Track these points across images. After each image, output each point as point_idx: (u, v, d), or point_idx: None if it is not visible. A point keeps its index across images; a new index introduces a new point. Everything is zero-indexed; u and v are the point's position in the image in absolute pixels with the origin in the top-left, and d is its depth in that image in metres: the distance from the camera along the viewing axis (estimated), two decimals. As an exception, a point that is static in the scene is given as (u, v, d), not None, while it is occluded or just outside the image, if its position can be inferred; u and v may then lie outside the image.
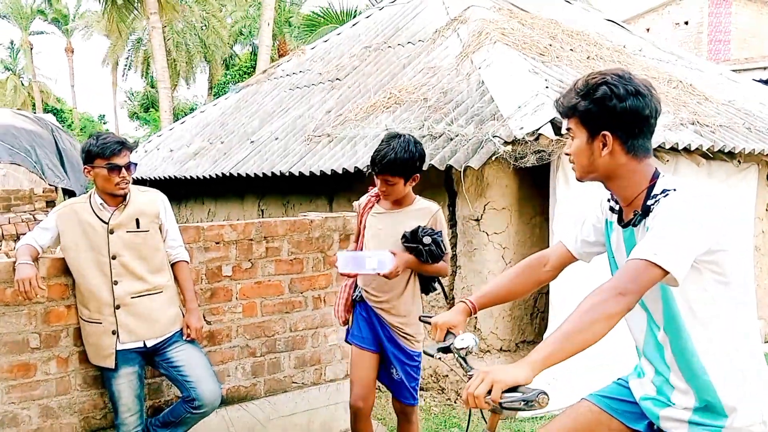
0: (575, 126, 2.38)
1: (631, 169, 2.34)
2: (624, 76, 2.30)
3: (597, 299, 2.13)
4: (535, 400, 2.03)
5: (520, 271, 2.84)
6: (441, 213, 4.05)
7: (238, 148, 9.91)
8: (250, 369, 4.87)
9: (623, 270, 2.19)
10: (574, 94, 2.36)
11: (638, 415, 2.61)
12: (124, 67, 44.37)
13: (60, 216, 4.06)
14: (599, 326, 2.10)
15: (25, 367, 4.05)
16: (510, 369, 2.10)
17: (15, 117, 14.40)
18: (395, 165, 3.80)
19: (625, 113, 2.26)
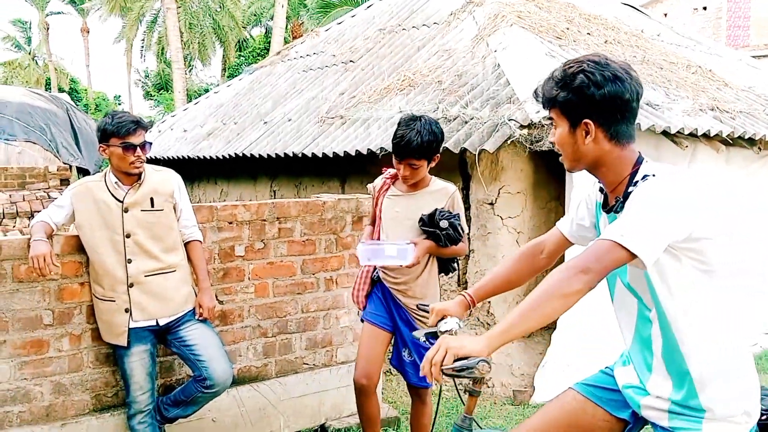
0: (557, 116, 2.34)
1: (615, 156, 2.30)
2: (601, 62, 2.26)
3: (558, 277, 2.13)
4: (475, 367, 2.09)
5: (517, 260, 2.82)
6: (458, 194, 4.03)
7: (251, 129, 9.90)
8: (262, 349, 4.88)
9: (589, 249, 2.17)
10: (553, 85, 2.32)
11: (622, 403, 2.60)
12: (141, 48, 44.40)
13: (75, 194, 4.06)
14: (558, 303, 2.11)
15: (38, 343, 4.07)
16: (466, 340, 2.14)
17: (30, 95, 14.41)
18: (421, 148, 3.77)
19: (605, 100, 2.23)
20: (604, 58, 2.29)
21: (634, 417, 2.58)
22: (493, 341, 2.11)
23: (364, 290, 4.29)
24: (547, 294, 2.11)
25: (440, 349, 2.13)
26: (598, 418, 2.63)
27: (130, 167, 3.99)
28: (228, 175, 10.65)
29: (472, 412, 2.45)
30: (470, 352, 2.10)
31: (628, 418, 2.59)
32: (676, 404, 2.36)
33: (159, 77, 48.35)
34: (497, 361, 6.10)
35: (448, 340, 2.15)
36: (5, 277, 3.92)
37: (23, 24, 50.76)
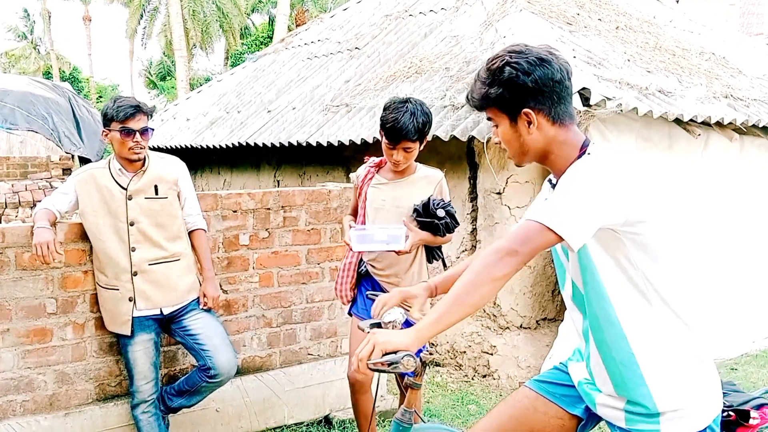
0: (494, 114, 2.32)
1: (561, 140, 2.28)
2: (522, 50, 2.24)
3: (486, 261, 2.10)
4: (400, 362, 2.10)
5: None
6: (445, 180, 3.99)
7: (254, 117, 9.92)
8: (266, 339, 4.91)
9: (516, 230, 2.14)
10: (481, 84, 2.30)
11: (576, 399, 2.59)
12: (143, 36, 44.44)
13: (79, 181, 4.09)
14: (487, 289, 2.09)
15: (42, 332, 4.11)
16: (394, 334, 2.15)
17: (32, 84, 14.47)
18: (417, 130, 3.76)
19: (538, 84, 2.21)
20: (524, 45, 2.27)
21: (588, 413, 2.57)
22: (422, 333, 2.11)
23: (347, 283, 4.22)
24: (476, 280, 2.09)
25: (368, 343, 2.13)
26: (551, 415, 2.62)
27: (130, 153, 4.00)
28: (231, 164, 10.67)
29: (413, 406, 2.47)
30: (397, 346, 2.11)
31: (581, 414, 2.59)
32: (631, 403, 2.34)
33: (161, 66, 48.38)
34: (502, 353, 6.13)
35: (376, 335, 2.14)
36: (8, 264, 3.96)
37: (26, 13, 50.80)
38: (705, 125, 6.55)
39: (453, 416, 5.24)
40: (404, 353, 2.09)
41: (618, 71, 6.57)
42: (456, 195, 6.41)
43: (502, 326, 6.29)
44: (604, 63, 6.66)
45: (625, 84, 6.25)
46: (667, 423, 2.28)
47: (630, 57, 7.24)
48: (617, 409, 2.38)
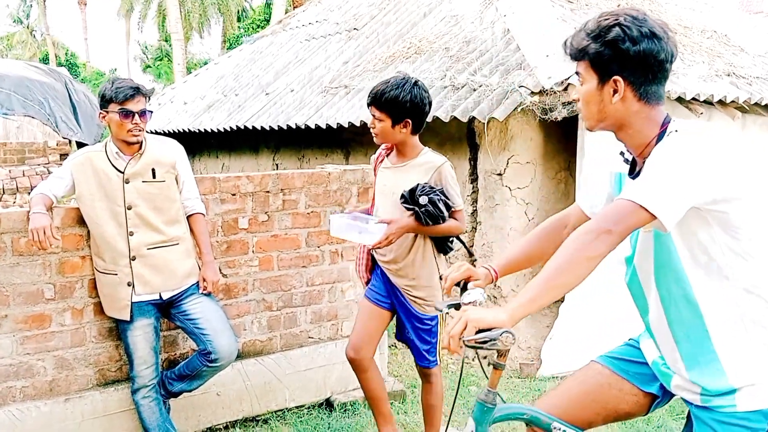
0: (584, 70, 2.27)
1: (644, 117, 2.24)
2: (638, 17, 2.18)
3: (580, 241, 2.08)
4: (499, 339, 2.06)
5: (542, 235, 2.75)
6: (446, 167, 3.85)
7: (252, 100, 9.89)
8: (267, 323, 4.91)
9: (609, 210, 2.11)
10: (585, 36, 2.24)
11: (651, 376, 2.57)
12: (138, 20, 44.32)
13: (75, 165, 4.06)
14: (583, 268, 2.07)
15: (40, 318, 4.10)
16: (489, 311, 2.10)
17: (28, 69, 14.41)
18: (380, 98, 3.69)
19: (639, 57, 2.16)
20: (643, 13, 2.21)
21: (663, 390, 2.54)
22: (517, 312, 2.08)
23: (362, 265, 4.25)
24: (571, 259, 2.07)
25: (460, 320, 2.09)
26: (625, 392, 2.60)
27: (128, 135, 3.97)
28: (230, 147, 10.65)
29: (496, 386, 2.43)
30: (492, 323, 2.06)
31: (656, 392, 2.56)
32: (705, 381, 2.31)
33: (158, 50, 48.26)
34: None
35: (469, 312, 2.10)
36: (5, 250, 3.94)
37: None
38: (707, 104, 6.52)
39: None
40: (503, 330, 2.06)
41: (620, 50, 6.51)
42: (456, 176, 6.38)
43: (504, 308, 6.26)
44: (606, 41, 6.60)
45: (627, 62, 6.19)
46: (742, 398, 2.26)
47: (632, 35, 7.18)
48: (693, 391, 2.36)
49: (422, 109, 3.74)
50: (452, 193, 3.79)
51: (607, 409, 2.61)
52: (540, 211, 6.31)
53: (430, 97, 3.80)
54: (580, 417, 2.60)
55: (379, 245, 3.74)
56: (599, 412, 2.62)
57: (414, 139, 3.85)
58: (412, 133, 3.81)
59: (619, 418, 2.69)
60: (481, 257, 6.42)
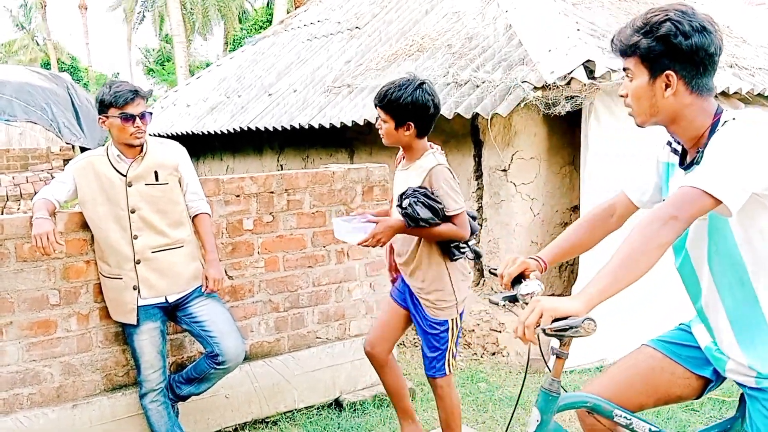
0: (634, 66, 2.30)
1: (696, 109, 2.28)
2: (687, 12, 2.23)
3: (648, 228, 2.10)
4: (581, 326, 2.05)
5: (589, 224, 2.77)
6: (437, 170, 3.70)
7: (255, 101, 9.88)
8: (274, 324, 4.88)
9: (673, 197, 2.14)
10: (633, 31, 2.28)
11: (703, 360, 2.58)
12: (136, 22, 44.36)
13: (77, 169, 4.04)
14: (653, 255, 2.09)
15: (46, 324, 4.08)
16: (562, 300, 2.11)
17: (30, 74, 14.42)
18: (383, 99, 3.64)
19: (691, 51, 2.20)
20: (690, 8, 2.26)
21: (716, 374, 2.56)
22: (592, 301, 2.09)
23: (388, 264, 4.27)
24: (641, 248, 2.08)
25: (534, 310, 2.09)
26: (678, 375, 2.62)
27: (131, 138, 3.95)
28: (233, 149, 10.64)
29: (560, 375, 2.41)
30: (567, 312, 2.07)
31: (709, 375, 2.58)
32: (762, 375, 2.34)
33: (160, 53, 48.31)
34: (511, 330, 6.09)
35: (543, 300, 2.11)
36: (8, 256, 3.92)
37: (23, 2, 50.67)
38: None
39: (464, 394, 5.21)
40: (584, 317, 2.06)
41: (622, 42, 6.49)
42: (461, 173, 6.36)
43: (510, 303, 6.24)
44: (608, 34, 6.57)
45: (630, 55, 6.17)
46: None
47: (634, 28, 7.15)
48: (748, 375, 2.39)
49: (425, 112, 3.65)
50: (444, 196, 3.65)
51: (658, 392, 2.64)
52: (545, 207, 6.29)
53: (436, 100, 3.70)
54: (631, 400, 2.62)
55: (366, 244, 3.68)
56: (651, 395, 2.64)
57: (420, 142, 3.76)
58: (417, 136, 3.72)
59: (670, 402, 2.72)
60: (488, 254, 6.39)
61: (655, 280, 2.64)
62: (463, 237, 3.73)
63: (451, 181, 3.69)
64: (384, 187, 5.21)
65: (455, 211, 3.65)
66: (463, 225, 3.71)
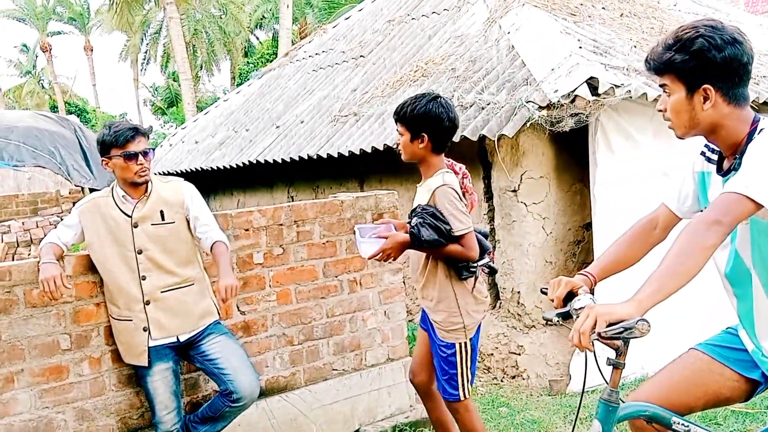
0: (671, 82, 2.37)
1: (734, 118, 2.35)
2: (717, 26, 2.30)
3: (694, 232, 2.17)
4: (635, 327, 2.10)
5: (634, 238, 2.82)
6: (441, 190, 3.67)
7: (263, 134, 9.92)
8: (288, 358, 4.85)
9: (716, 202, 2.21)
10: (665, 49, 2.35)
11: (752, 363, 2.61)
12: (142, 62, 44.73)
13: (82, 211, 4.04)
14: (700, 258, 2.15)
15: (57, 369, 4.06)
16: (615, 305, 2.15)
17: (36, 118, 14.52)
18: (399, 111, 3.71)
19: (725, 63, 2.27)
20: (719, 21, 2.33)
21: (765, 377, 2.59)
22: (645, 304, 2.13)
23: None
24: (688, 251, 2.15)
25: (589, 316, 2.13)
26: (726, 377, 2.65)
27: (135, 176, 3.95)
28: (244, 184, 10.66)
29: (618, 385, 2.43)
30: (622, 316, 2.11)
31: (758, 378, 2.61)
32: None
33: (168, 92, 48.66)
34: (530, 352, 6.05)
35: (597, 306, 2.15)
36: (17, 303, 3.91)
37: (26, 48, 51.23)
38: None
39: (485, 420, 5.14)
40: (637, 318, 2.09)
41: (625, 58, 6.50)
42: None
43: (528, 325, 6.21)
44: (611, 51, 6.59)
45: (633, 70, 6.17)
46: None
47: (636, 43, 7.16)
48: None
49: (439, 124, 3.66)
50: (449, 217, 3.63)
51: (708, 393, 2.67)
52: (558, 225, 6.25)
53: (451, 114, 3.70)
54: (680, 402, 2.65)
55: (375, 258, 3.71)
56: (700, 397, 2.68)
57: (435, 158, 3.77)
58: (433, 151, 3.74)
59: (719, 404, 2.76)
60: (503, 275, 6.36)
61: (693, 288, 2.64)
62: (470, 257, 3.71)
63: (456, 201, 3.68)
64: (394, 214, 5.19)
65: (461, 231, 3.64)
66: (469, 246, 3.69)
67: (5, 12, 47.14)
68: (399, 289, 5.25)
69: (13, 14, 47.28)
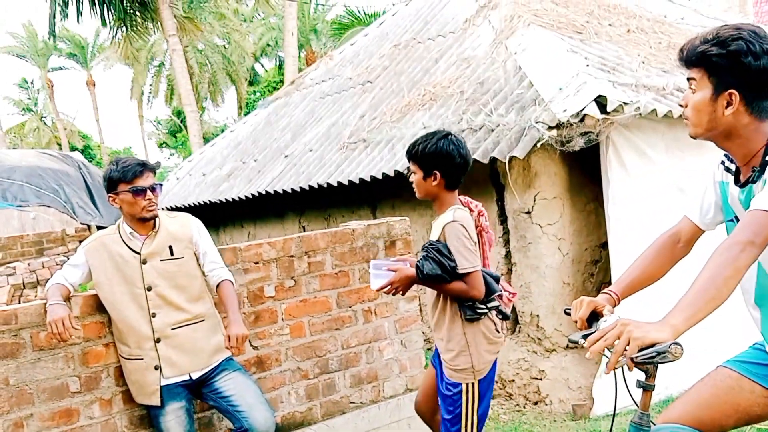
0: (699, 77, 2.35)
1: (753, 129, 2.34)
2: (760, 34, 2.27)
3: (727, 254, 2.14)
4: (668, 351, 2.03)
5: (657, 253, 2.81)
6: (449, 227, 3.65)
7: (272, 164, 9.94)
8: (304, 393, 4.82)
9: (746, 222, 2.19)
10: (703, 42, 2.32)
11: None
12: (149, 95, 45.02)
13: (89, 250, 4.04)
14: (732, 280, 2.12)
15: (68, 413, 4.04)
16: (649, 328, 2.06)
17: (40, 157, 14.61)
18: (411, 150, 3.75)
19: (758, 72, 2.24)
20: (763, 30, 2.30)
21: None
22: (680, 327, 2.07)
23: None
24: (722, 273, 2.12)
25: (622, 337, 2.06)
26: (758, 394, 2.62)
27: (143, 212, 3.96)
28: (254, 216, 10.67)
29: (648, 408, 2.38)
30: (656, 340, 2.04)
31: None
32: None
33: (172, 124, 48.94)
34: (552, 377, 6.00)
35: (631, 326, 2.08)
36: (24, 347, 3.90)
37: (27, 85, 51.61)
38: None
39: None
40: (670, 342, 2.03)
41: (633, 74, 6.48)
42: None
43: (548, 349, 6.16)
44: (618, 68, 6.58)
45: (642, 86, 6.16)
46: None
47: (644, 59, 7.15)
48: None
49: (450, 161, 3.67)
50: (455, 253, 3.61)
51: (738, 411, 2.64)
52: (574, 246, 6.22)
53: (462, 151, 3.71)
54: (711, 420, 2.63)
55: (385, 291, 3.72)
56: (731, 415, 2.65)
57: (448, 195, 3.75)
58: (446, 188, 3.73)
59: (751, 421, 2.72)
60: (521, 299, 6.32)
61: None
62: (474, 296, 3.65)
63: (464, 239, 3.63)
64: (406, 240, 5.18)
65: (465, 269, 3.60)
66: (474, 285, 3.63)
67: (5, 48, 47.57)
68: (415, 318, 5.22)
69: (13, 50, 47.72)
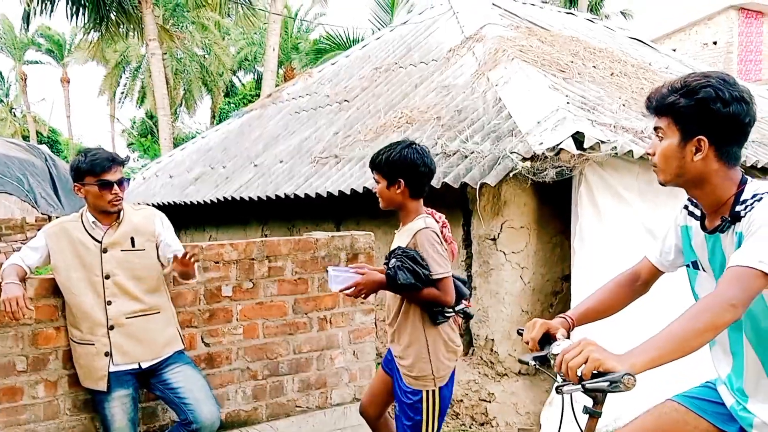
0: (666, 126, 2.36)
1: (722, 176, 2.35)
2: (728, 80, 2.29)
3: (710, 310, 2.13)
4: (621, 381, 2.02)
5: (617, 288, 2.85)
6: (422, 234, 3.72)
7: (240, 171, 9.96)
8: (251, 392, 4.86)
9: (730, 279, 2.17)
10: (670, 91, 2.34)
11: (728, 417, 2.62)
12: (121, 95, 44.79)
13: (50, 235, 4.08)
14: (708, 336, 2.12)
15: (11, 390, 4.05)
16: (609, 356, 2.08)
17: (6, 145, 14.54)
18: (375, 159, 3.80)
19: (727, 119, 2.26)
20: (732, 77, 2.32)
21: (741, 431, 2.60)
22: (642, 366, 2.05)
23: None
24: (701, 328, 2.10)
25: (582, 353, 2.09)
26: (701, 429, 2.65)
27: (108, 206, 4.01)
28: (217, 221, 10.67)
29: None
30: (612, 369, 2.04)
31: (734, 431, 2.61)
32: None
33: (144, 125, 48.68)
34: (501, 401, 6.06)
35: (592, 347, 2.09)
36: (-23, 322, 3.91)
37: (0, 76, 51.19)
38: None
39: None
40: (623, 372, 2.02)
41: (613, 115, 6.62)
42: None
43: (500, 373, 6.23)
44: (599, 108, 6.71)
45: (620, 128, 6.29)
46: None
47: (625, 102, 7.30)
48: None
49: (414, 170, 3.72)
50: (428, 259, 3.68)
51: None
52: (536, 275, 6.31)
53: (426, 159, 3.77)
54: None
55: (348, 293, 3.73)
56: None
57: (413, 204, 3.82)
58: (411, 197, 3.79)
59: None
60: (477, 322, 6.39)
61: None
62: (446, 302, 3.74)
63: (437, 245, 3.72)
64: (369, 255, 5.25)
65: (439, 275, 3.67)
66: (446, 290, 3.72)
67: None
68: (370, 330, 5.28)
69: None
